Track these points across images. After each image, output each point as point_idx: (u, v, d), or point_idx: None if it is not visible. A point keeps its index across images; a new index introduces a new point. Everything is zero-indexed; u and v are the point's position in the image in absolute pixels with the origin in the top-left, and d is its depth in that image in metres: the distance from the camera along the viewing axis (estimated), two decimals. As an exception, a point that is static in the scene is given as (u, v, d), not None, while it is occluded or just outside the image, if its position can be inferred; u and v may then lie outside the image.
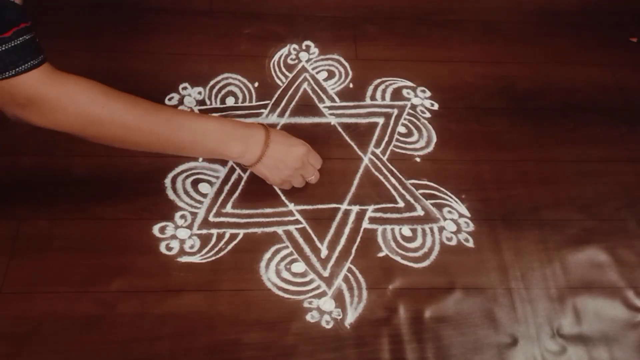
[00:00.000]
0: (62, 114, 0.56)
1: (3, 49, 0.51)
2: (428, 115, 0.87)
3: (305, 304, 0.69)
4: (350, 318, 0.68)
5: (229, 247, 0.72)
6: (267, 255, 0.72)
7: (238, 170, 0.78)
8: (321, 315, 0.68)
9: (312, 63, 0.92)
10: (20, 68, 0.52)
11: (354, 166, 0.81)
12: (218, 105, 0.85)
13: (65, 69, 0.58)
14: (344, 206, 0.77)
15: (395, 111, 0.87)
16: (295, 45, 0.93)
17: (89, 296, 0.67)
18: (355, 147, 0.83)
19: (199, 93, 0.86)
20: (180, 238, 0.72)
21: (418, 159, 0.82)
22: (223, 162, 0.79)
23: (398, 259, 0.73)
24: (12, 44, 0.51)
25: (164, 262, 0.70)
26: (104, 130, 0.60)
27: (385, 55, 0.94)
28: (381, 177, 0.80)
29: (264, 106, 0.86)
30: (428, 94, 0.90)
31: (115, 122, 0.59)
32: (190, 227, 0.73)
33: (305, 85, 0.89)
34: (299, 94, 0.88)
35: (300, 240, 0.74)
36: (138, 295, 0.68)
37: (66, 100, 0.56)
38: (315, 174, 0.76)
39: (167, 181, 0.77)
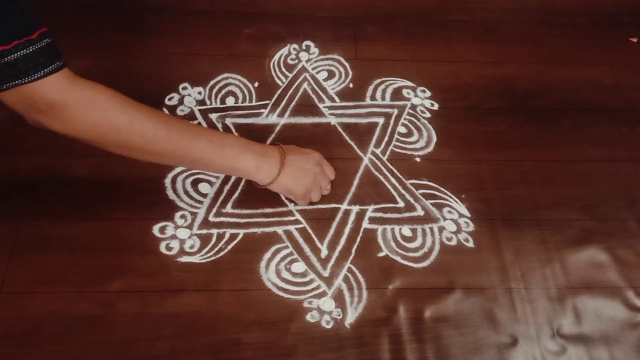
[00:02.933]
0: (82, 120, 0.56)
1: (30, 50, 0.50)
2: (428, 115, 0.87)
3: (305, 304, 0.69)
4: (350, 318, 0.68)
5: (229, 247, 0.72)
6: (267, 255, 0.72)
7: (238, 170, 0.78)
8: (321, 315, 0.68)
9: (312, 63, 0.92)
10: (44, 71, 0.52)
11: (354, 166, 0.81)
12: (218, 105, 0.85)
13: (66, 64, 0.58)
14: (344, 206, 0.77)
15: (395, 111, 0.87)
16: (295, 45, 0.93)
17: (89, 296, 0.67)
18: (355, 147, 0.83)
19: (199, 93, 0.86)
20: (180, 238, 0.72)
21: (418, 159, 0.82)
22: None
23: (398, 259, 0.73)
24: (38, 46, 0.51)
25: (164, 262, 0.70)
26: (122, 138, 0.59)
27: (385, 55, 0.94)
28: (381, 177, 0.80)
29: (264, 106, 0.86)
30: (428, 94, 0.90)
31: (134, 130, 0.59)
32: (190, 227, 0.73)
33: (305, 85, 0.89)
34: (299, 93, 0.88)
35: (300, 240, 0.74)
36: (138, 295, 0.68)
37: (86, 106, 0.56)
38: (330, 185, 0.76)
39: (167, 181, 0.77)
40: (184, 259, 0.71)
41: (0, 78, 0.50)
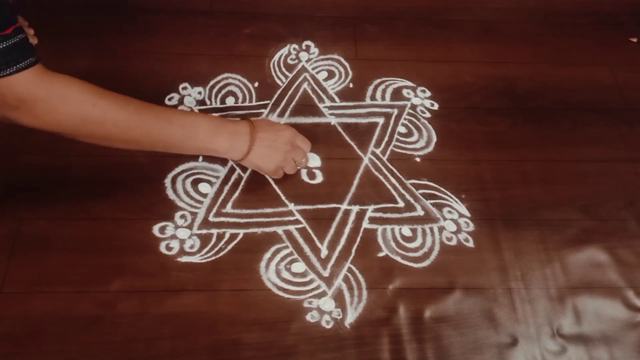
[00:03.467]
0: (53, 114, 0.56)
1: (4, 46, 0.50)
2: (428, 115, 0.87)
3: (305, 304, 0.69)
4: (350, 318, 0.68)
5: (229, 247, 0.72)
6: (267, 255, 0.72)
7: (238, 170, 0.78)
8: (321, 315, 0.68)
9: (312, 63, 0.92)
10: (17, 67, 0.52)
11: (354, 166, 0.81)
12: (218, 105, 0.85)
13: (65, 69, 0.58)
14: (344, 206, 0.77)
15: (395, 111, 0.87)
16: (295, 45, 0.93)
17: (89, 296, 0.67)
18: (355, 147, 0.83)
19: (199, 93, 0.86)
20: (180, 238, 0.72)
21: (418, 159, 0.82)
22: (223, 162, 0.79)
23: (398, 259, 0.73)
24: (12, 42, 0.51)
25: (164, 262, 0.70)
26: (96, 129, 0.60)
27: (385, 55, 0.94)
28: (381, 177, 0.80)
29: (264, 106, 0.86)
30: (428, 94, 0.90)
31: (107, 121, 0.60)
32: (190, 227, 0.73)
33: (305, 85, 0.89)
34: (299, 93, 0.88)
35: (300, 240, 0.74)
36: (138, 295, 0.68)
37: (57, 99, 0.56)
38: (305, 158, 0.77)
39: (167, 181, 0.77)
40: (184, 259, 0.71)
41: None
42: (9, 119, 0.56)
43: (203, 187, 0.77)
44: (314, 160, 0.80)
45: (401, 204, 0.78)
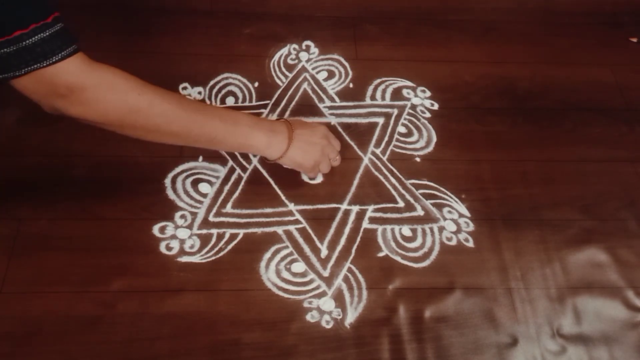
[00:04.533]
0: (102, 102, 0.56)
1: (47, 34, 0.50)
2: (428, 115, 0.87)
3: (305, 304, 0.69)
4: (350, 318, 0.68)
5: (229, 247, 0.72)
6: (267, 255, 0.72)
7: (238, 170, 0.78)
8: (321, 315, 0.68)
9: (312, 63, 0.92)
10: (62, 54, 0.52)
11: (354, 166, 0.81)
12: (218, 105, 0.85)
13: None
14: (344, 206, 0.77)
15: (395, 111, 0.87)
16: (295, 45, 0.93)
17: (89, 296, 0.67)
18: (355, 147, 0.83)
19: (199, 93, 0.86)
20: (180, 238, 0.72)
21: (418, 159, 0.82)
22: (223, 162, 0.79)
23: (398, 259, 0.73)
24: (54, 30, 0.51)
25: (164, 262, 0.70)
26: (141, 119, 0.59)
27: (385, 55, 0.94)
28: (381, 177, 0.80)
29: (264, 106, 0.86)
30: (428, 94, 0.90)
31: (152, 111, 0.59)
32: (190, 227, 0.73)
33: (305, 85, 0.89)
34: (299, 93, 0.88)
35: (300, 240, 0.74)
36: (138, 295, 0.68)
37: (105, 87, 0.56)
38: (339, 155, 0.77)
39: (167, 181, 0.77)
40: (184, 259, 0.71)
41: (19, 63, 0.50)
42: (57, 109, 0.55)
43: (203, 187, 0.77)
44: None
45: (401, 204, 0.78)
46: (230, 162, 0.79)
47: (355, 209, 0.77)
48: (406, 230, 0.76)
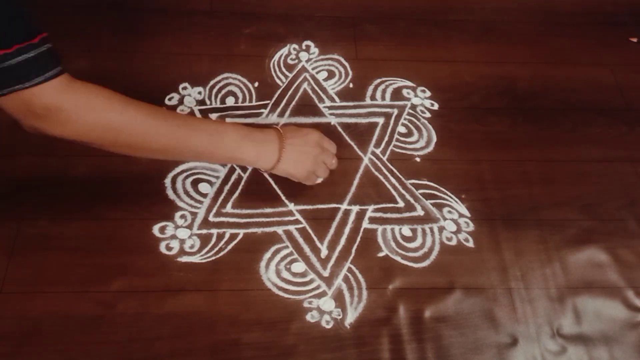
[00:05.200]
0: (80, 122, 0.56)
1: (31, 55, 0.50)
2: (428, 115, 0.87)
3: (305, 304, 0.69)
4: (350, 318, 0.68)
5: (229, 247, 0.72)
6: (267, 255, 0.72)
7: (238, 170, 0.78)
8: (321, 315, 0.68)
9: (312, 63, 0.92)
10: (44, 76, 0.52)
11: (354, 166, 0.81)
12: (218, 105, 0.85)
13: (65, 70, 0.58)
14: (344, 206, 0.77)
15: (395, 111, 0.87)
16: (295, 45, 0.93)
17: (89, 296, 0.67)
18: (355, 147, 0.83)
19: (199, 93, 0.86)
20: (180, 238, 0.72)
21: (418, 159, 0.82)
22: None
23: (398, 259, 0.73)
24: (39, 51, 0.51)
25: (164, 262, 0.70)
26: (123, 138, 0.59)
27: (385, 55, 0.94)
28: (381, 177, 0.80)
29: (264, 106, 0.86)
30: (428, 94, 0.90)
31: (134, 129, 0.59)
32: (190, 227, 0.73)
33: (305, 85, 0.89)
34: (299, 93, 0.88)
35: (300, 240, 0.74)
36: (138, 295, 0.68)
37: (83, 108, 0.56)
38: (335, 159, 0.76)
39: (167, 181, 0.77)
40: (184, 259, 0.71)
41: (1, 82, 0.50)
42: (36, 129, 0.55)
43: (203, 187, 0.77)
44: None
45: (401, 204, 0.78)
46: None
47: (355, 209, 0.77)
48: (406, 230, 0.76)
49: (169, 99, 0.85)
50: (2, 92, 0.51)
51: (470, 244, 0.75)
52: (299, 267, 0.71)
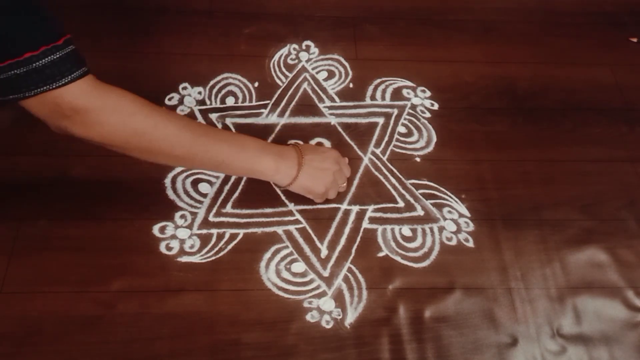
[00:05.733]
0: (106, 125, 0.56)
1: (57, 56, 0.51)
2: (428, 115, 0.87)
3: (305, 304, 0.69)
4: (350, 318, 0.68)
5: (229, 247, 0.72)
6: (267, 255, 0.72)
7: (238, 170, 0.78)
8: (321, 315, 0.68)
9: (312, 63, 0.92)
10: (70, 77, 0.52)
11: (354, 166, 0.81)
12: (218, 105, 0.85)
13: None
14: (344, 206, 0.77)
15: (395, 111, 0.87)
16: (295, 45, 0.93)
17: (89, 296, 0.67)
18: (355, 147, 0.83)
19: (199, 93, 0.86)
20: (180, 238, 0.72)
21: (418, 159, 0.82)
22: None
23: (398, 259, 0.73)
24: (64, 52, 0.52)
25: (164, 262, 0.70)
26: (145, 142, 0.59)
27: (385, 55, 0.94)
28: (381, 177, 0.80)
29: (264, 106, 0.86)
30: (428, 94, 0.90)
31: (158, 134, 0.59)
32: (190, 227, 0.73)
33: (305, 85, 0.89)
34: (299, 93, 0.88)
35: (300, 240, 0.74)
36: (138, 295, 0.68)
37: (110, 110, 0.56)
38: (345, 182, 0.77)
39: (167, 181, 0.77)
40: (184, 259, 0.71)
41: (28, 84, 0.51)
42: (62, 129, 0.56)
43: (203, 187, 0.77)
44: None
45: (401, 204, 0.78)
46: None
47: (355, 209, 0.77)
48: (406, 230, 0.76)
49: (169, 99, 0.85)
50: (30, 94, 0.52)
51: (470, 244, 0.75)
52: (299, 267, 0.71)
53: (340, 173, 0.74)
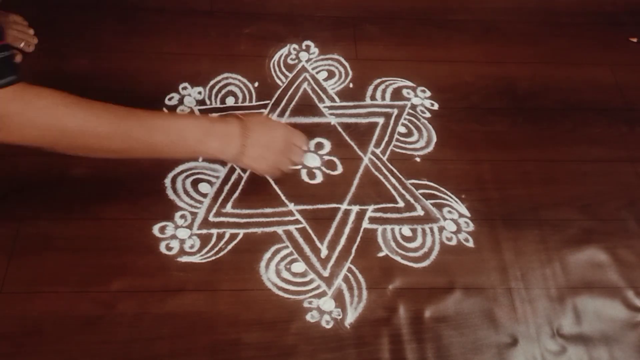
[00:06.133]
0: (30, 128, 0.55)
1: None
2: (428, 115, 0.87)
3: (305, 304, 0.69)
4: (350, 318, 0.68)
5: (229, 247, 0.72)
6: (267, 255, 0.72)
7: (238, 170, 0.78)
8: (321, 315, 0.68)
9: (312, 63, 0.92)
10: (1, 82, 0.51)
11: (354, 166, 0.81)
12: (218, 105, 0.85)
13: (65, 69, 0.58)
14: (344, 206, 0.77)
15: (395, 111, 0.87)
16: (295, 45, 0.93)
17: (89, 296, 0.67)
18: (355, 147, 0.83)
19: (199, 93, 0.86)
20: (180, 238, 0.72)
21: (418, 159, 0.82)
22: (223, 162, 0.79)
23: (398, 259, 0.73)
24: None
25: (164, 262, 0.70)
26: (76, 141, 0.58)
27: (385, 55, 0.94)
28: (381, 177, 0.80)
29: (264, 106, 0.86)
30: (428, 94, 0.90)
31: (87, 131, 0.58)
32: (190, 227, 0.73)
33: (305, 85, 0.89)
34: (299, 93, 0.88)
35: (300, 240, 0.73)
36: (138, 295, 0.68)
37: (32, 113, 0.55)
38: (302, 156, 0.73)
39: (167, 181, 0.77)
40: (184, 259, 0.71)
41: None
42: None
43: (203, 187, 0.77)
44: (314, 160, 0.80)
45: (401, 204, 0.78)
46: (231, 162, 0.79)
47: (355, 209, 0.77)
48: (406, 230, 0.76)
49: (169, 99, 0.84)
50: None
51: (470, 244, 0.75)
52: (299, 267, 0.71)
53: (289, 151, 0.70)
